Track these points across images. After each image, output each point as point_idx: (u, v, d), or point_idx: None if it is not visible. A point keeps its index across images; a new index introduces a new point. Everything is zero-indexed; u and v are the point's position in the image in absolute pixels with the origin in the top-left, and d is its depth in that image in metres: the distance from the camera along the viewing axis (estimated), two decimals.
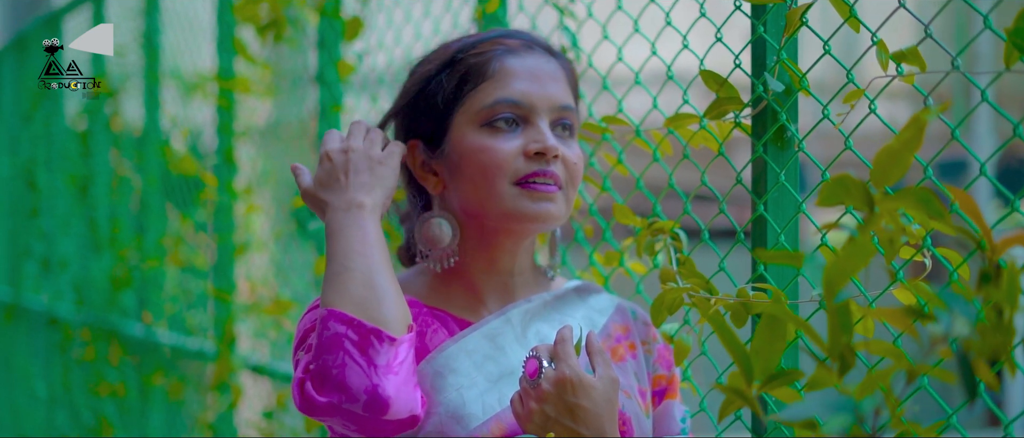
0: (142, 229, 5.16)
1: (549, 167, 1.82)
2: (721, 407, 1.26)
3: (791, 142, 1.86)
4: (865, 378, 1.02)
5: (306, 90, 4.25)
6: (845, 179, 1.10)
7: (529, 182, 1.81)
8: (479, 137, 1.83)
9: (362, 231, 1.74)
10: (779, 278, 1.86)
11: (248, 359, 4.08)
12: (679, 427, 1.96)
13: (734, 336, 1.17)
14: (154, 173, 5.10)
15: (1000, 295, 0.96)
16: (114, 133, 5.53)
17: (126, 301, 5.32)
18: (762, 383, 1.19)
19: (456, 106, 1.86)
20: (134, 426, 5.21)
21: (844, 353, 1.07)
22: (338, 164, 1.80)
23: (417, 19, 3.08)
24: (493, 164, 1.81)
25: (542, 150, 1.81)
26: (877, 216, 1.09)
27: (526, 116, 1.84)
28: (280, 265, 4.24)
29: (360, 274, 1.70)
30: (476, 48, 1.88)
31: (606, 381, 1.70)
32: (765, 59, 1.86)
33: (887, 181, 1.12)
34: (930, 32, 1.62)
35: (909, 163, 1.12)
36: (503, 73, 1.85)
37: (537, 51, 1.90)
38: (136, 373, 5.17)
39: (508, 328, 1.86)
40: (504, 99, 1.83)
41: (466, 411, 1.75)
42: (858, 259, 1.04)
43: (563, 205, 1.85)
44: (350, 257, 1.71)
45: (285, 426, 3.77)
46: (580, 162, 1.88)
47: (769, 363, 1.17)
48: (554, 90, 1.86)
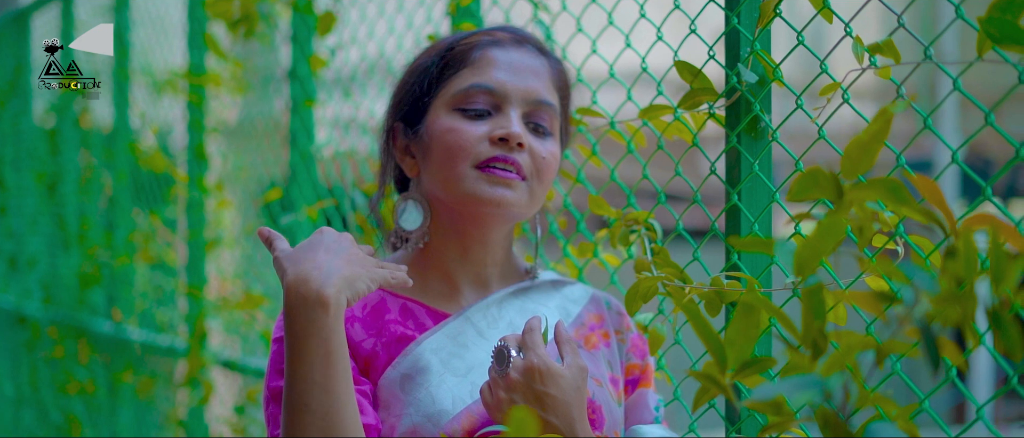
0: (112, 226, 5.14)
1: (512, 154, 1.82)
2: (696, 395, 1.27)
3: (764, 133, 1.89)
4: (831, 355, 1.04)
5: (276, 86, 4.25)
6: (815, 172, 1.12)
7: (489, 166, 1.82)
8: (449, 119, 1.84)
9: (324, 345, 1.63)
10: (753, 267, 1.88)
11: (219, 355, 4.07)
12: (652, 415, 1.98)
13: (708, 325, 1.18)
14: (124, 170, 5.08)
15: (958, 266, 0.98)
16: (83, 130, 5.51)
17: (95, 299, 5.30)
18: (736, 371, 1.21)
19: (436, 90, 1.88)
20: (103, 424, 5.19)
21: (817, 338, 1.09)
22: (314, 240, 1.72)
23: (390, 14, 3.08)
24: (457, 145, 1.82)
25: (506, 136, 1.81)
26: (846, 202, 1.11)
27: (499, 104, 1.85)
28: (252, 260, 4.24)
29: (321, 417, 1.62)
30: (467, 39, 1.90)
31: (574, 369, 1.71)
32: (739, 51, 1.88)
33: (857, 172, 1.15)
34: (903, 22, 1.64)
35: (877, 154, 1.15)
36: (483, 61, 1.87)
37: (526, 47, 1.92)
38: (105, 371, 5.15)
39: (468, 325, 1.87)
40: (477, 84, 1.85)
41: (437, 408, 1.76)
42: (827, 241, 1.06)
43: (524, 195, 1.84)
44: (310, 392, 1.62)
45: (256, 421, 3.76)
46: (552, 159, 1.87)
47: (743, 351, 1.19)
48: (531, 83, 1.87)
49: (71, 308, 5.52)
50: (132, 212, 4.99)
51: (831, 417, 1.00)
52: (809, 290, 1.09)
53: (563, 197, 2.43)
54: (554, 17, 2.48)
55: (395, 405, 1.78)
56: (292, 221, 3.40)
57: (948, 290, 0.98)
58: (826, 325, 1.10)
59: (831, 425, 1.00)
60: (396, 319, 1.86)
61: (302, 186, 3.44)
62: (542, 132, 1.88)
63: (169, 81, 4.53)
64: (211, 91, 4.18)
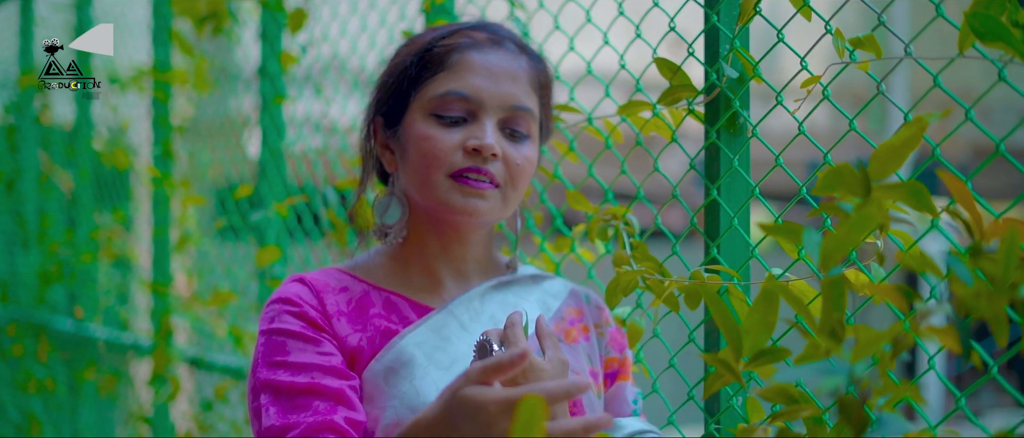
0: (74, 223, 5.11)
1: (485, 165, 1.84)
2: (708, 381, 1.29)
3: (743, 129, 1.91)
4: (859, 343, 1.06)
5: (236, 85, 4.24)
6: (844, 168, 1.15)
7: (463, 176, 1.84)
8: (425, 125, 1.86)
9: None
10: (731, 261, 1.91)
11: (185, 352, 4.06)
12: (631, 408, 2.00)
13: (727, 313, 1.20)
14: (86, 167, 5.05)
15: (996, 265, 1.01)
16: (43, 127, 5.47)
17: (55, 296, 5.26)
18: (751, 360, 1.23)
19: (414, 91, 1.89)
20: (65, 423, 5.16)
21: (835, 328, 1.11)
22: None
23: (363, 11, 3.09)
24: (432, 154, 1.84)
25: (479, 147, 1.83)
26: (873, 200, 1.14)
27: (474, 111, 1.86)
28: (220, 257, 4.22)
29: None
30: (447, 38, 1.90)
31: (556, 363, 1.72)
32: (718, 48, 1.90)
33: (885, 173, 1.17)
34: (883, 20, 1.67)
35: (905, 159, 1.18)
36: (460, 66, 1.87)
37: (504, 48, 1.91)
38: (66, 369, 5.12)
39: (451, 319, 1.89)
40: (454, 91, 1.85)
41: (421, 400, 1.77)
42: (855, 234, 1.09)
43: (497, 202, 1.86)
44: None
45: (224, 419, 3.76)
46: (527, 164, 1.88)
47: (759, 341, 1.21)
48: (509, 89, 1.87)
49: (30, 306, 5.48)
50: (94, 209, 4.96)
51: (851, 402, 1.02)
52: (830, 281, 1.11)
53: (540, 193, 2.45)
54: (531, 15, 2.49)
55: (379, 398, 1.79)
56: (261, 218, 3.40)
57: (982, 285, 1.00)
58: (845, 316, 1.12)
59: (849, 410, 1.02)
60: (380, 313, 1.87)
61: (272, 183, 3.43)
62: (518, 137, 1.89)
63: (133, 78, 4.51)
64: (174, 89, 4.16)
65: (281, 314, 1.82)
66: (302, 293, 1.84)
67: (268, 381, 1.76)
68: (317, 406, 1.73)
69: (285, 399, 1.73)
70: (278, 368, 1.76)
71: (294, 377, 1.75)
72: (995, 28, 1.39)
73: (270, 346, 1.79)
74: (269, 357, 1.78)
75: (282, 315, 1.81)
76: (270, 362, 1.78)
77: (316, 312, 1.82)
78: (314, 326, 1.81)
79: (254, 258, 3.43)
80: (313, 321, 1.81)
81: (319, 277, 1.89)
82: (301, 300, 1.83)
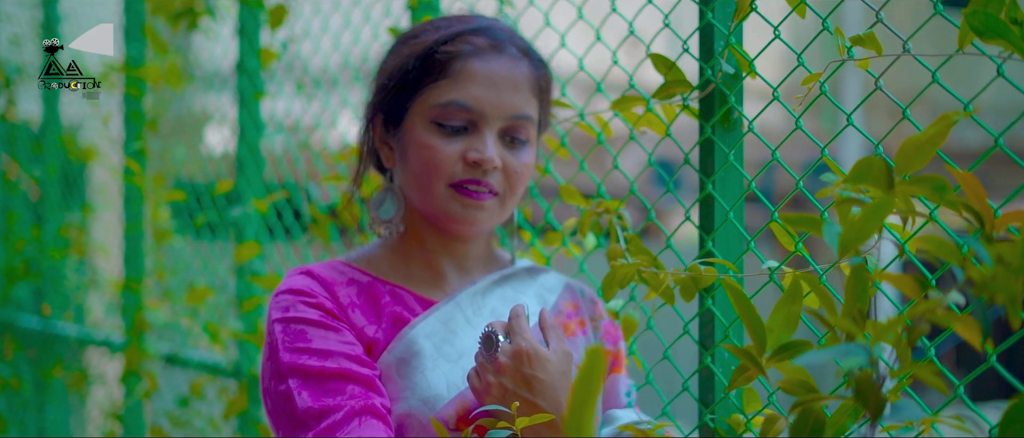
0: (41, 221, 5.07)
1: (485, 177, 1.86)
2: (732, 376, 1.32)
3: (738, 124, 1.94)
4: (880, 326, 1.09)
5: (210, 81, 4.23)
6: (871, 161, 1.18)
7: (463, 187, 1.86)
8: (426, 133, 1.87)
9: None
10: (726, 254, 1.93)
11: (160, 349, 4.04)
12: (624, 400, 2.03)
13: (751, 307, 1.23)
14: (54, 164, 5.02)
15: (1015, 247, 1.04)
16: (9, 124, 5.42)
17: (21, 294, 5.22)
18: (772, 354, 1.25)
19: (416, 95, 1.89)
20: (30, 422, 5.12)
21: (856, 318, 1.13)
22: None
23: (346, 7, 3.09)
24: (432, 163, 1.86)
25: (479, 160, 1.85)
26: (893, 193, 1.17)
27: (475, 121, 1.87)
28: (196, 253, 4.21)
29: None
30: (448, 44, 1.90)
31: (560, 354, 1.76)
32: (713, 45, 1.93)
33: (910, 169, 1.21)
34: (881, 17, 1.70)
35: (932, 156, 1.22)
36: (463, 75, 1.87)
37: (506, 53, 1.91)
38: (32, 367, 5.08)
39: (458, 311, 1.91)
40: (456, 102, 1.86)
41: (432, 392, 1.79)
42: (874, 222, 1.11)
43: (496, 210, 1.90)
44: None
45: (201, 415, 3.75)
46: (525, 170, 1.91)
47: (782, 335, 1.24)
48: (510, 98, 1.88)
49: None
50: (62, 206, 4.93)
51: (866, 383, 1.04)
52: (853, 269, 1.14)
53: (530, 188, 2.47)
54: (520, 13, 2.51)
55: (392, 389, 1.81)
56: (241, 214, 3.39)
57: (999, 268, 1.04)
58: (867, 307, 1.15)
59: (865, 390, 1.05)
60: (390, 302, 1.89)
61: (251, 179, 3.43)
62: (518, 144, 1.91)
63: (104, 75, 4.48)
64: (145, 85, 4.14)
65: (296, 303, 1.83)
66: (313, 286, 1.85)
67: (295, 365, 1.78)
68: (352, 390, 1.75)
69: (316, 383, 1.75)
70: (303, 353, 1.77)
71: (323, 362, 1.76)
72: (994, 25, 1.42)
73: (289, 333, 1.80)
74: (291, 344, 1.79)
75: (297, 304, 1.82)
76: (293, 348, 1.79)
77: (331, 303, 1.83)
78: (332, 316, 1.82)
79: (232, 255, 3.43)
80: (330, 311, 1.82)
81: (325, 270, 1.90)
82: (314, 291, 1.84)
